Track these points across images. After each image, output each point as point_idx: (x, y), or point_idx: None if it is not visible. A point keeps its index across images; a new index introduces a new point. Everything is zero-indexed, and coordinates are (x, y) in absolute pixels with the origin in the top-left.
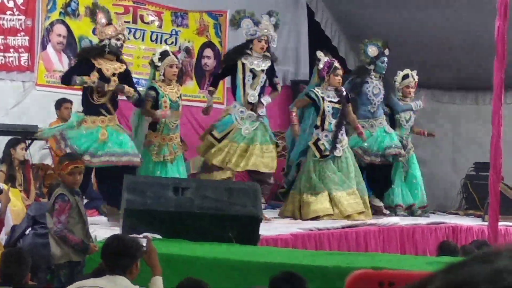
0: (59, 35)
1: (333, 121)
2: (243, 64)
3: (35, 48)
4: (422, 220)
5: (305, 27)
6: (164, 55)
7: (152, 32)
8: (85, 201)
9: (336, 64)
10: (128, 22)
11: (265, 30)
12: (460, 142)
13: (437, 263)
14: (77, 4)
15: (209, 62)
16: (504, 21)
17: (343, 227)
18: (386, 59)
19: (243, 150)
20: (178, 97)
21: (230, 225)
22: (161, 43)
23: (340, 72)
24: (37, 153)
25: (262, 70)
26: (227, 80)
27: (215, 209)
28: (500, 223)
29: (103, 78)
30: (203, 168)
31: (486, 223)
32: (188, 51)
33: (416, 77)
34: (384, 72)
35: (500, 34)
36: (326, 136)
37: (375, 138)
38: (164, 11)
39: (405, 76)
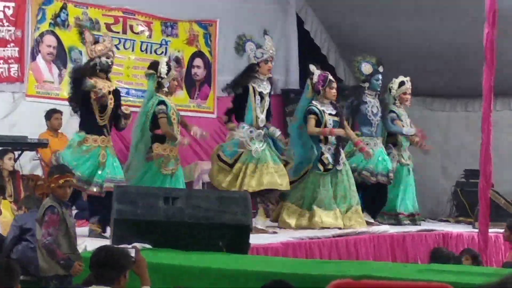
0: (49, 45)
1: None
2: (253, 88)
3: (25, 59)
4: (412, 228)
5: (294, 36)
6: (169, 68)
7: (142, 42)
8: (74, 211)
9: (330, 77)
10: (118, 32)
11: (271, 51)
12: (450, 149)
13: (427, 271)
14: (67, 15)
15: (199, 71)
16: (493, 28)
17: (333, 236)
18: (380, 76)
19: (252, 170)
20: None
21: (220, 234)
22: (151, 53)
23: (335, 85)
24: (28, 163)
25: (268, 93)
26: (218, 90)
27: (205, 218)
28: (490, 230)
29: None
30: None
31: (477, 230)
32: (178, 61)
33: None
34: (379, 89)
35: (489, 41)
36: (329, 149)
37: (377, 157)
38: (153, 21)
39: (401, 83)
